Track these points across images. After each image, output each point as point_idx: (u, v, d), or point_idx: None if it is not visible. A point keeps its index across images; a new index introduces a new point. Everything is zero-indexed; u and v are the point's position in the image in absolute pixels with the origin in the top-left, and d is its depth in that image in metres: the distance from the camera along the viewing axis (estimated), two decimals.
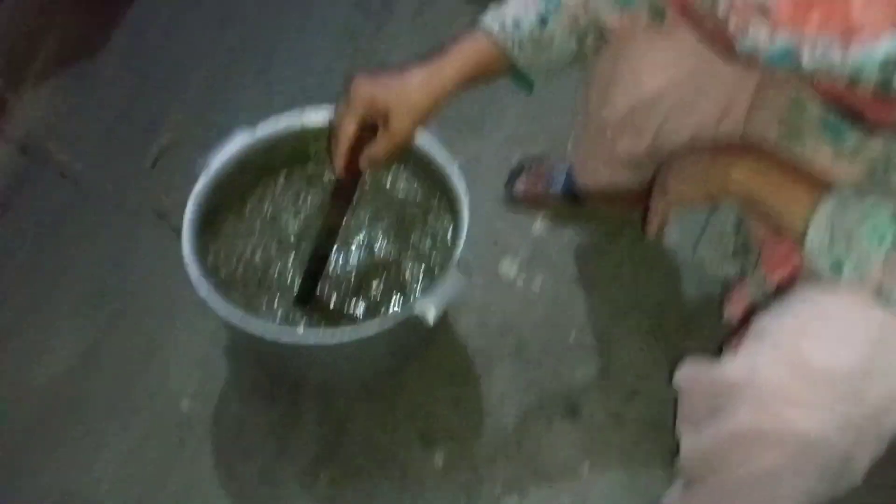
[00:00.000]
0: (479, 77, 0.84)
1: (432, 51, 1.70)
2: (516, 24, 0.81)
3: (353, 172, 0.86)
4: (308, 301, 1.03)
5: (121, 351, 1.19)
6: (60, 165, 1.37)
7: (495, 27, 0.82)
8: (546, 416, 1.12)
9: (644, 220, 0.86)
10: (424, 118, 0.82)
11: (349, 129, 0.83)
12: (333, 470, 1.08)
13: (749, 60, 0.65)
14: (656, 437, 1.10)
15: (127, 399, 1.14)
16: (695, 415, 0.75)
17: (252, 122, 1.40)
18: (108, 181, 1.36)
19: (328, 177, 1.12)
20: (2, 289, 1.25)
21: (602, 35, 0.84)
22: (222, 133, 1.41)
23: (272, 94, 1.53)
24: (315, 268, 1.01)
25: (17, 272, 1.27)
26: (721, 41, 0.69)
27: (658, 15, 0.82)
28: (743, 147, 0.73)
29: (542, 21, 0.81)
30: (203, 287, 0.93)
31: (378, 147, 0.83)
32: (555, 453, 1.09)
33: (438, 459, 1.09)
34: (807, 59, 0.58)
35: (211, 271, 1.02)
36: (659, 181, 0.83)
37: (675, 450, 0.82)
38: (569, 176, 1.29)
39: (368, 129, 0.84)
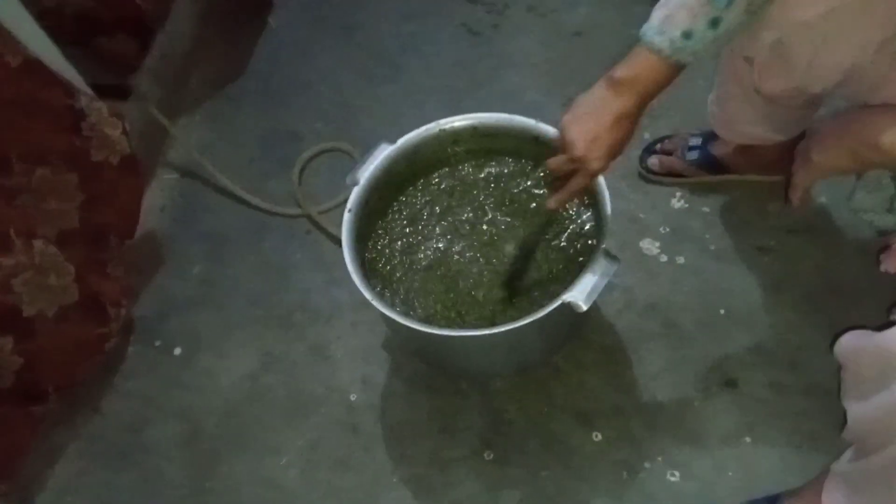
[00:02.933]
0: (661, 89, 0.84)
1: (551, 38, 1.73)
2: (687, 36, 0.77)
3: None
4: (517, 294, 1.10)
5: (292, 352, 1.30)
6: (219, 185, 1.50)
7: (665, 46, 0.78)
8: (703, 389, 1.13)
9: (787, 189, 0.85)
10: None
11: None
12: (498, 450, 1.14)
13: None
14: (820, 405, 1.09)
15: (303, 394, 1.25)
16: (861, 385, 0.75)
17: (386, 128, 1.47)
18: (262, 196, 1.48)
19: (469, 177, 1.18)
20: (183, 303, 1.39)
21: None
22: (360, 143, 1.51)
23: (402, 99, 1.60)
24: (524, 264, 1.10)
25: (196, 286, 1.41)
26: None
27: None
28: (893, 111, 0.70)
29: (714, 23, 0.76)
30: (367, 291, 1.00)
31: (568, 193, 0.95)
32: (715, 426, 1.10)
33: (597, 436, 1.12)
34: None
35: (369, 274, 1.10)
36: (801, 150, 0.81)
37: (842, 418, 0.82)
38: (704, 144, 1.27)
39: None
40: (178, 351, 1.33)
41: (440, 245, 1.14)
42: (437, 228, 1.15)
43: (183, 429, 1.25)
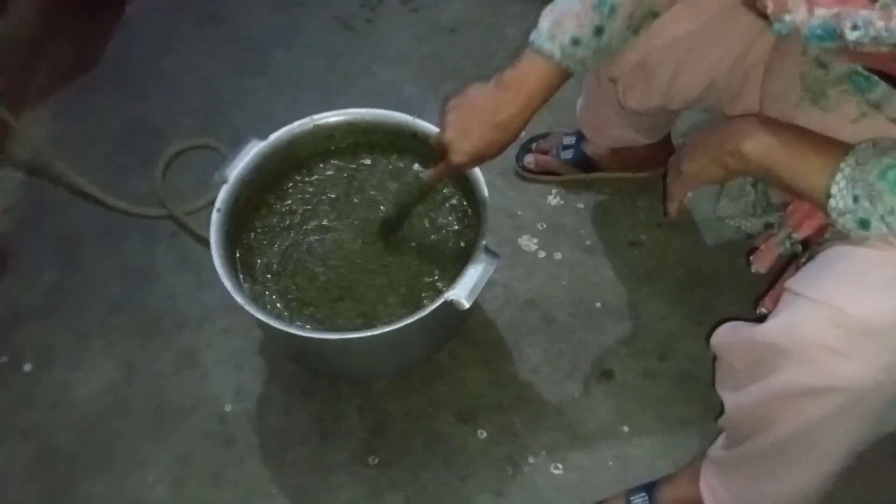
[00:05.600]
0: (550, 96, 0.86)
1: (426, 34, 1.72)
2: (575, 43, 0.80)
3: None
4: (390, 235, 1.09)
5: (157, 361, 1.21)
6: (72, 184, 1.38)
7: (556, 52, 0.81)
8: (582, 381, 1.15)
9: (664, 202, 0.89)
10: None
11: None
12: (380, 453, 1.11)
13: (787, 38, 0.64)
14: (689, 392, 1.13)
15: (171, 406, 1.17)
16: (735, 376, 0.78)
17: (256, 123, 1.41)
18: (121, 195, 1.37)
19: (345, 174, 1.15)
20: (32, 313, 1.27)
21: (655, 15, 0.83)
22: (228, 138, 1.44)
23: (272, 93, 1.54)
24: (400, 220, 1.08)
25: (45, 295, 1.29)
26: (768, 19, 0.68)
27: None
28: (752, 119, 0.74)
29: (599, 31, 0.80)
30: (239, 295, 0.95)
31: (442, 174, 0.96)
32: (594, 417, 1.12)
33: (481, 434, 1.12)
34: (850, 34, 0.57)
35: (243, 277, 1.04)
36: (673, 163, 0.85)
37: (712, 405, 0.85)
38: (578, 143, 1.30)
39: None
40: (28, 367, 1.21)
41: (316, 244, 1.09)
42: (313, 226, 1.11)
43: (33, 449, 1.14)
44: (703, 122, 0.88)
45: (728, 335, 0.77)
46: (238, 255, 1.07)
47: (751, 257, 0.86)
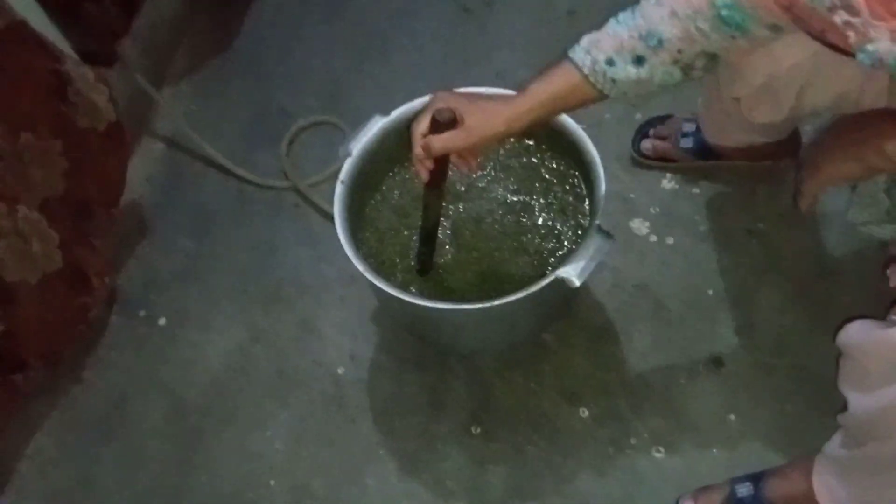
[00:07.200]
0: (569, 107, 0.84)
1: (543, 17, 1.70)
2: (609, 62, 0.78)
3: (437, 162, 0.91)
4: (428, 271, 1.09)
5: (279, 326, 1.29)
6: (207, 157, 1.48)
7: (586, 64, 0.79)
8: (690, 369, 1.14)
9: (795, 197, 0.86)
10: (493, 141, 0.86)
11: (423, 125, 0.89)
12: (486, 426, 1.14)
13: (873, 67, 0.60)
14: (804, 387, 1.10)
15: (290, 368, 1.24)
16: (865, 377, 0.74)
17: (376, 105, 1.45)
18: (251, 169, 1.46)
19: None
20: (170, 275, 1.37)
21: (714, 58, 0.77)
22: (350, 118, 1.50)
23: (393, 76, 1.58)
24: (426, 243, 1.06)
25: (182, 258, 1.39)
26: (841, 49, 0.66)
27: (775, 29, 0.73)
28: (892, 115, 0.71)
29: (639, 60, 0.77)
30: (359, 263, 1.00)
31: (438, 139, 0.87)
32: (701, 405, 1.11)
33: (584, 413, 1.13)
34: None
35: (361, 249, 1.09)
36: (808, 158, 0.82)
37: (828, 402, 0.81)
38: (698, 132, 1.27)
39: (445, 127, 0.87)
40: (162, 321, 1.32)
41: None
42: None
43: (167, 401, 1.24)
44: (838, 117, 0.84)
45: (860, 334, 0.74)
46: (357, 226, 1.12)
47: (888, 270, 0.82)
